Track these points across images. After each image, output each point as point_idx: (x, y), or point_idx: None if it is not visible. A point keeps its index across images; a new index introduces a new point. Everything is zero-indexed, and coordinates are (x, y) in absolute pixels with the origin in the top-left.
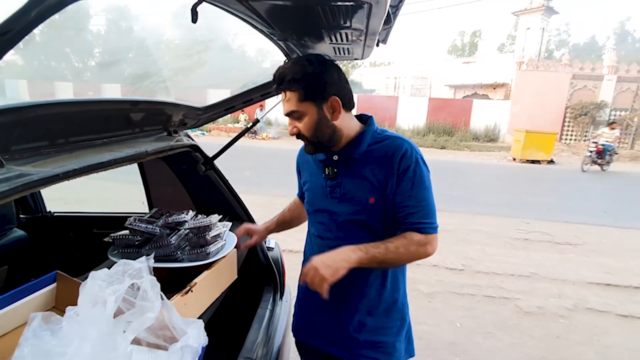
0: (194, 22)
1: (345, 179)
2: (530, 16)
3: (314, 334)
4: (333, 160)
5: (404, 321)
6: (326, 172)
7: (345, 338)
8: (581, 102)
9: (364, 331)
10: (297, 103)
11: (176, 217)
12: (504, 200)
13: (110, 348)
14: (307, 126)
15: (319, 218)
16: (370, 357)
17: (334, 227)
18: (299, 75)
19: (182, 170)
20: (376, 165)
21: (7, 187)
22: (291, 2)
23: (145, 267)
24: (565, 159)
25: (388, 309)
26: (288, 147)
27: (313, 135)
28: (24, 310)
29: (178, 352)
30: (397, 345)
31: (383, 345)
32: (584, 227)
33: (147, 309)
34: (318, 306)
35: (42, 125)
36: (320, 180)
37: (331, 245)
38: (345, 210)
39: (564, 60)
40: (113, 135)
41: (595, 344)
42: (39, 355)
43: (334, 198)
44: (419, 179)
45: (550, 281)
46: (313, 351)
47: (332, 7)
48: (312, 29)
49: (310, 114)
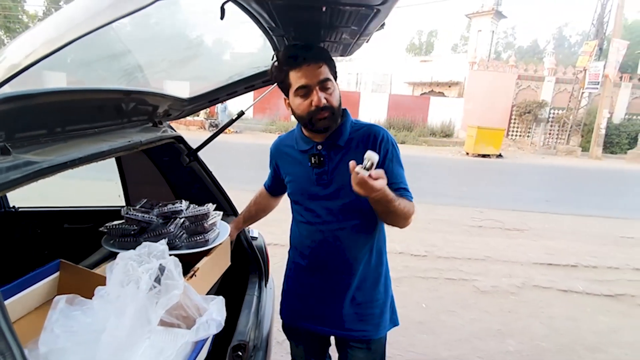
0: (222, 19)
1: (332, 166)
2: (482, 19)
3: (304, 316)
4: (317, 150)
5: (387, 293)
6: (312, 161)
7: (336, 315)
8: (525, 101)
9: (353, 306)
10: (329, 74)
11: (171, 206)
12: (460, 191)
13: (145, 322)
14: (336, 97)
15: (308, 205)
16: (360, 330)
17: (324, 213)
18: (327, 52)
19: (164, 162)
20: (360, 150)
21: (19, 174)
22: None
23: (167, 249)
24: (512, 153)
25: (374, 282)
26: (251, 142)
27: (338, 107)
28: (27, 300)
29: (205, 325)
30: (384, 316)
31: (371, 316)
32: (529, 214)
33: (173, 287)
34: (307, 290)
35: (42, 114)
36: (306, 170)
37: (322, 229)
38: (335, 196)
39: (510, 62)
40: (104, 125)
41: (540, 315)
42: (74, 333)
43: (321, 185)
44: (397, 159)
45: (502, 263)
46: (303, 333)
47: (342, 10)
48: (313, 27)
49: (336, 88)
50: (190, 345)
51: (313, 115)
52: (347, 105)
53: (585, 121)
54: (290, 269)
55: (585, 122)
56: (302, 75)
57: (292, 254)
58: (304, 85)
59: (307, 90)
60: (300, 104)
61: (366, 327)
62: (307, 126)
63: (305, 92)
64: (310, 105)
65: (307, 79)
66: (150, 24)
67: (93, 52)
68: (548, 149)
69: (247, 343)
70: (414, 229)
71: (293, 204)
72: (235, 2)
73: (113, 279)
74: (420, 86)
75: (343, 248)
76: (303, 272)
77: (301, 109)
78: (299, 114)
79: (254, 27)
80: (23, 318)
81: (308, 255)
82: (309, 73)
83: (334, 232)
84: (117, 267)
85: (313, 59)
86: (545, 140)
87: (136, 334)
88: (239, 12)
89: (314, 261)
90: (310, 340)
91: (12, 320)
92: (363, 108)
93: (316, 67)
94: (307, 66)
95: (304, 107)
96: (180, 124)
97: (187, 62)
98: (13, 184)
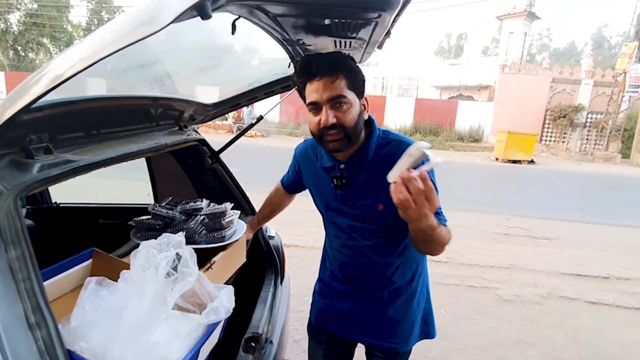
0: (233, 34)
1: (355, 188)
2: (514, 21)
3: (333, 320)
4: (340, 169)
5: (421, 307)
6: (335, 182)
7: (365, 325)
8: (560, 105)
9: (384, 319)
10: (345, 89)
11: (192, 204)
12: (486, 197)
13: (162, 303)
14: (351, 116)
15: (333, 219)
16: (389, 342)
17: (349, 230)
18: (349, 63)
19: (189, 163)
20: (383, 172)
21: (59, 171)
22: (310, 18)
23: (184, 240)
24: (545, 159)
25: (408, 298)
26: (277, 145)
27: (353, 127)
28: (64, 282)
29: (215, 310)
30: (414, 331)
31: (401, 331)
32: (559, 223)
33: (188, 274)
34: (338, 297)
35: (80, 118)
36: (330, 189)
37: (348, 245)
38: (359, 217)
39: (544, 64)
40: (134, 128)
41: (565, 327)
42: (101, 310)
43: (346, 205)
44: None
45: (528, 272)
46: (328, 335)
47: (345, 22)
48: (322, 37)
49: (354, 104)
50: (202, 327)
51: (322, 134)
52: (373, 110)
53: (625, 126)
54: (323, 272)
55: (626, 127)
56: (313, 90)
57: (325, 258)
58: (314, 101)
59: (317, 106)
60: (311, 120)
61: (395, 340)
62: (319, 144)
63: (316, 108)
64: (319, 124)
65: (317, 94)
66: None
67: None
68: (584, 155)
69: (260, 335)
70: None
71: (320, 213)
72: (246, 17)
73: (136, 264)
74: (448, 90)
75: (370, 264)
76: (334, 279)
77: (312, 126)
78: (310, 130)
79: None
80: (59, 298)
81: (339, 266)
82: (320, 88)
83: (360, 248)
84: (139, 254)
85: (327, 71)
86: (582, 146)
87: (154, 313)
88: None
89: (345, 273)
90: (333, 344)
91: (50, 300)
92: (389, 112)
93: (330, 81)
94: (319, 80)
95: (314, 124)
96: (209, 128)
97: (217, 69)
98: (54, 180)
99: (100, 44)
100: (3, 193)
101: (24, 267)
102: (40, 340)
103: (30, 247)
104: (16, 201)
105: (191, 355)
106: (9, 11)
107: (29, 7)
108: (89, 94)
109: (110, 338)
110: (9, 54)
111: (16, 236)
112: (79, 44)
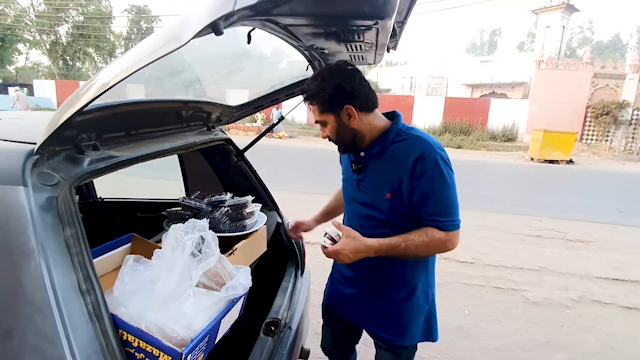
0: (249, 43)
1: (368, 174)
2: (550, 14)
3: (341, 304)
4: (360, 157)
5: (423, 308)
6: (353, 167)
7: (365, 313)
8: (602, 102)
9: (382, 310)
10: (319, 114)
11: (218, 197)
12: (518, 198)
13: (187, 278)
14: (331, 132)
15: (350, 206)
16: (385, 333)
17: (359, 217)
18: (316, 92)
19: (216, 161)
20: (393, 164)
21: (104, 164)
22: (318, 26)
23: (207, 225)
24: (585, 158)
25: (407, 296)
26: (304, 146)
27: (337, 139)
28: (108, 261)
29: (233, 286)
30: (413, 329)
31: (398, 326)
32: (597, 225)
33: (210, 254)
34: (346, 282)
35: (121, 120)
36: (351, 174)
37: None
38: (368, 204)
39: (585, 59)
40: (167, 129)
41: (597, 331)
42: (138, 282)
43: (360, 191)
44: (439, 179)
45: (559, 274)
46: (335, 316)
47: (350, 28)
48: (333, 42)
49: (330, 122)
50: (223, 302)
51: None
52: (401, 110)
53: None
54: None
55: None
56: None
57: None
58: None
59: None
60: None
61: (390, 332)
62: None
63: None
64: None
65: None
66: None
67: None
68: (630, 154)
69: (280, 321)
70: (460, 236)
71: (344, 202)
72: (260, 27)
73: (166, 244)
74: (479, 88)
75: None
76: (344, 266)
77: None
78: None
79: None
80: (103, 276)
81: None
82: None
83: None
84: (169, 235)
85: (304, 100)
86: (627, 144)
87: (181, 286)
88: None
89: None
90: (338, 326)
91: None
92: (417, 112)
93: (311, 107)
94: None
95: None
96: (240, 130)
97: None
98: (100, 172)
99: (137, 58)
100: (60, 182)
101: (77, 243)
102: (89, 304)
103: (82, 227)
104: (71, 189)
105: (212, 325)
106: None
107: (76, 20)
108: (130, 98)
109: (145, 305)
110: (59, 64)
111: (71, 218)
112: (120, 58)
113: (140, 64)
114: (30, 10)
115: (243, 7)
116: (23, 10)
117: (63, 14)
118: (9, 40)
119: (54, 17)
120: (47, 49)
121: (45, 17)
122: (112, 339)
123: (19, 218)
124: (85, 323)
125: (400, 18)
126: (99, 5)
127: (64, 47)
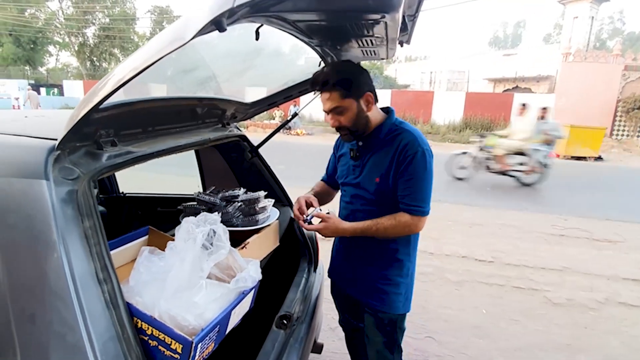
0: (257, 39)
1: (364, 161)
2: (578, 4)
3: (340, 276)
4: (358, 145)
5: (403, 277)
6: (352, 154)
7: (356, 282)
8: (634, 95)
9: (367, 278)
10: (340, 100)
11: (231, 192)
12: (541, 196)
13: (199, 269)
14: (348, 118)
15: (344, 187)
16: (368, 300)
17: (351, 195)
18: (341, 77)
19: (232, 157)
20: (385, 153)
21: (122, 160)
22: (325, 21)
23: (219, 218)
24: (615, 155)
25: (387, 263)
26: (321, 143)
27: (353, 126)
28: (126, 252)
29: (243, 278)
30: (393, 297)
31: (381, 292)
32: (626, 225)
33: (221, 247)
34: (342, 257)
35: (139, 116)
36: (349, 160)
37: (349, 208)
38: (359, 186)
39: (615, 51)
40: (183, 126)
41: (622, 334)
42: (152, 272)
43: (354, 175)
44: (418, 168)
45: (583, 275)
46: (336, 289)
47: (357, 22)
48: (343, 37)
49: (351, 108)
50: (233, 293)
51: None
52: (419, 106)
53: None
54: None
55: None
56: (322, 100)
57: None
58: (323, 109)
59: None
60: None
61: (372, 298)
62: None
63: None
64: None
65: (322, 105)
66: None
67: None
68: None
69: (292, 314)
70: (480, 235)
71: (340, 186)
72: (270, 24)
73: (179, 236)
74: (502, 82)
75: None
76: (339, 239)
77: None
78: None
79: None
80: (121, 267)
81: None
82: (322, 99)
83: (354, 212)
84: (181, 228)
85: (323, 88)
86: None
87: (193, 277)
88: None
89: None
90: (338, 297)
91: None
92: (437, 107)
93: (326, 97)
94: (321, 94)
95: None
96: (258, 127)
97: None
98: (118, 167)
99: (146, 56)
100: (80, 177)
101: (95, 234)
102: (106, 293)
103: (100, 219)
104: (90, 183)
105: (223, 315)
106: (86, 26)
107: (102, 22)
108: (149, 95)
109: (159, 295)
110: (87, 65)
111: (89, 210)
112: (131, 57)
113: (149, 62)
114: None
115: (242, 4)
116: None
117: (90, 16)
118: (40, 42)
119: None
120: (75, 51)
121: (73, 19)
122: (127, 326)
123: (42, 210)
124: (102, 311)
125: (411, 11)
126: (123, 7)
127: (91, 48)
